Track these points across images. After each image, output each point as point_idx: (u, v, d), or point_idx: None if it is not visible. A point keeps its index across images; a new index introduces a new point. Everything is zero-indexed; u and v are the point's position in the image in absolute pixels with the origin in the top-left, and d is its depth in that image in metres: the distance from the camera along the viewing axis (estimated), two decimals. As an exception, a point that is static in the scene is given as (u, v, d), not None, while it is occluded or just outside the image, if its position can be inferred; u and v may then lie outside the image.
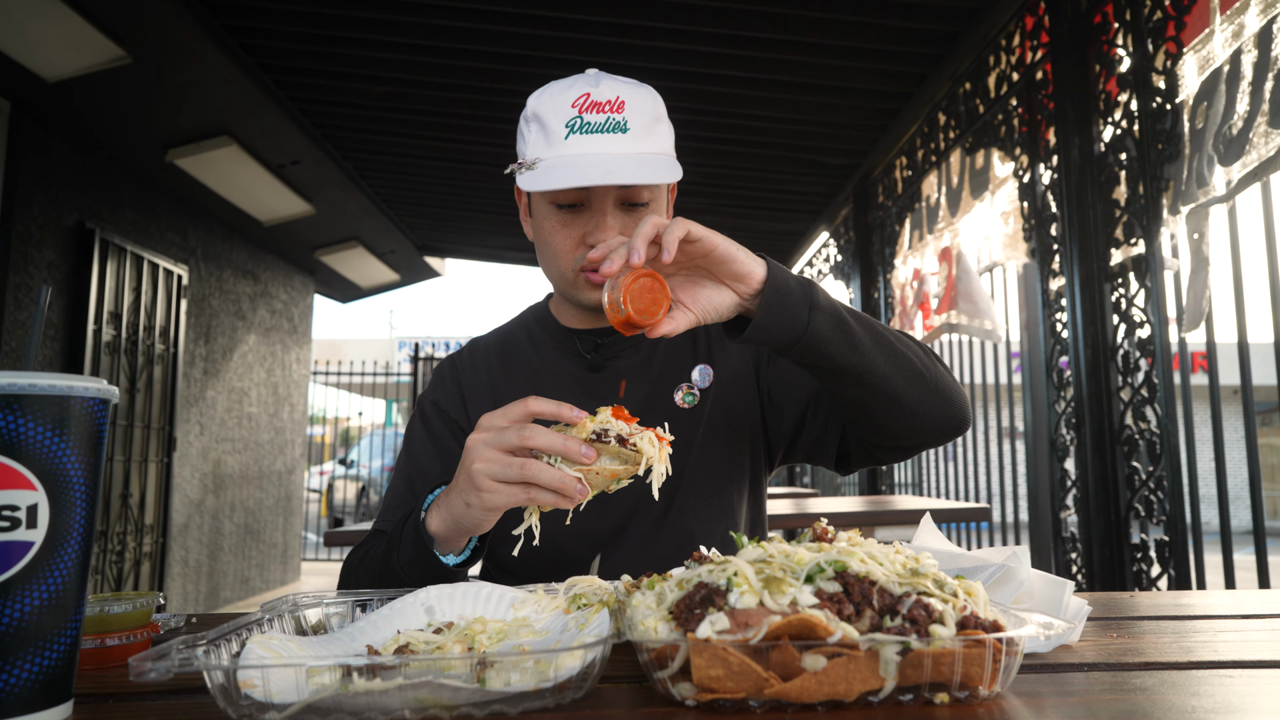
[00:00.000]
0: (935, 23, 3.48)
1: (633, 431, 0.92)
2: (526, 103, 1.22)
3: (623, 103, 1.15)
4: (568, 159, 1.13)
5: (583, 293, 1.24)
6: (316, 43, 3.89)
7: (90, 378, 0.64)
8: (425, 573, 1.01)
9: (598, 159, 1.13)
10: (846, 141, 4.68)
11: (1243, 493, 14.90)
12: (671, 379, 1.32)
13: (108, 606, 0.83)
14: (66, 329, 4.76)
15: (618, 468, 0.90)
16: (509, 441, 0.90)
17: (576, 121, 1.14)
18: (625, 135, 1.14)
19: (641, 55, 3.78)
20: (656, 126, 1.19)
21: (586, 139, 1.13)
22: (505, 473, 0.89)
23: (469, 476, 0.92)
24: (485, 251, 7.92)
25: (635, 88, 1.18)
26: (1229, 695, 0.66)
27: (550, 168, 1.14)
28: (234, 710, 0.60)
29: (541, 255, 1.29)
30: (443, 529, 0.99)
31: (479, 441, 0.92)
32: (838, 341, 1.00)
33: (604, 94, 1.15)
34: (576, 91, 1.15)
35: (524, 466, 0.88)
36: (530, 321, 1.43)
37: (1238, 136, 2.08)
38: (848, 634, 0.60)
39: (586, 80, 1.17)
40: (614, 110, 1.15)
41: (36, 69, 3.84)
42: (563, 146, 1.14)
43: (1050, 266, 2.97)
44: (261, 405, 7.37)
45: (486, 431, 0.92)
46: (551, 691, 0.63)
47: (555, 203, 1.21)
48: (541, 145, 1.17)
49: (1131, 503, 2.59)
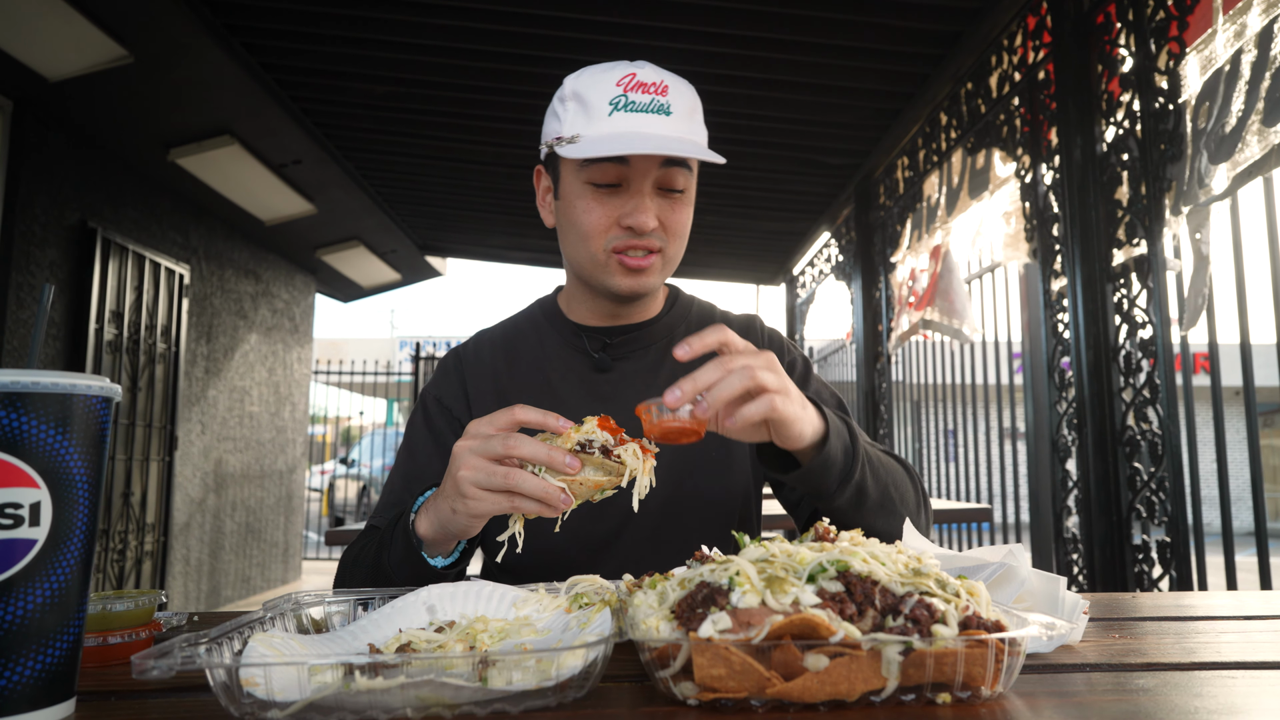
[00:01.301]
0: (937, 22, 3.48)
1: (617, 443, 0.92)
2: (563, 83, 1.21)
3: (666, 87, 1.16)
4: (611, 134, 1.13)
5: (613, 276, 1.22)
6: (318, 42, 3.89)
7: (93, 376, 0.64)
8: (414, 574, 1.02)
9: (644, 136, 1.13)
10: (848, 141, 4.67)
11: (1244, 494, 14.89)
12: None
13: (110, 604, 0.83)
14: (68, 328, 4.77)
15: (601, 479, 0.91)
16: (494, 450, 0.90)
17: (621, 100, 1.14)
18: (669, 118, 1.15)
19: (642, 55, 3.75)
20: (695, 116, 1.21)
21: (630, 117, 1.14)
22: (490, 481, 0.90)
23: (455, 483, 0.92)
24: (486, 251, 7.92)
25: (677, 78, 1.20)
26: (1231, 696, 0.66)
27: (594, 141, 1.13)
28: (236, 708, 0.61)
29: (567, 237, 1.26)
30: (431, 532, 1.00)
31: (465, 449, 0.93)
32: (848, 503, 1.06)
33: (649, 76, 1.16)
34: (621, 72, 1.16)
35: (508, 476, 0.89)
36: (538, 315, 1.41)
37: (1229, 135, 2.07)
38: (850, 634, 0.60)
39: (629, 64, 1.18)
40: (658, 93, 1.16)
41: (39, 68, 3.84)
42: (606, 123, 1.14)
43: (1052, 267, 2.97)
44: (263, 404, 7.38)
45: (473, 439, 0.93)
46: (553, 690, 0.63)
47: (592, 182, 1.19)
48: (582, 122, 1.16)
49: (1133, 504, 2.59)
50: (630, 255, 1.21)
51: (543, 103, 4.24)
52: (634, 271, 1.22)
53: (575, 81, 1.18)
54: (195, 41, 3.80)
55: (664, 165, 1.18)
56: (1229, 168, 2.06)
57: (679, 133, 1.16)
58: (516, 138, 4.86)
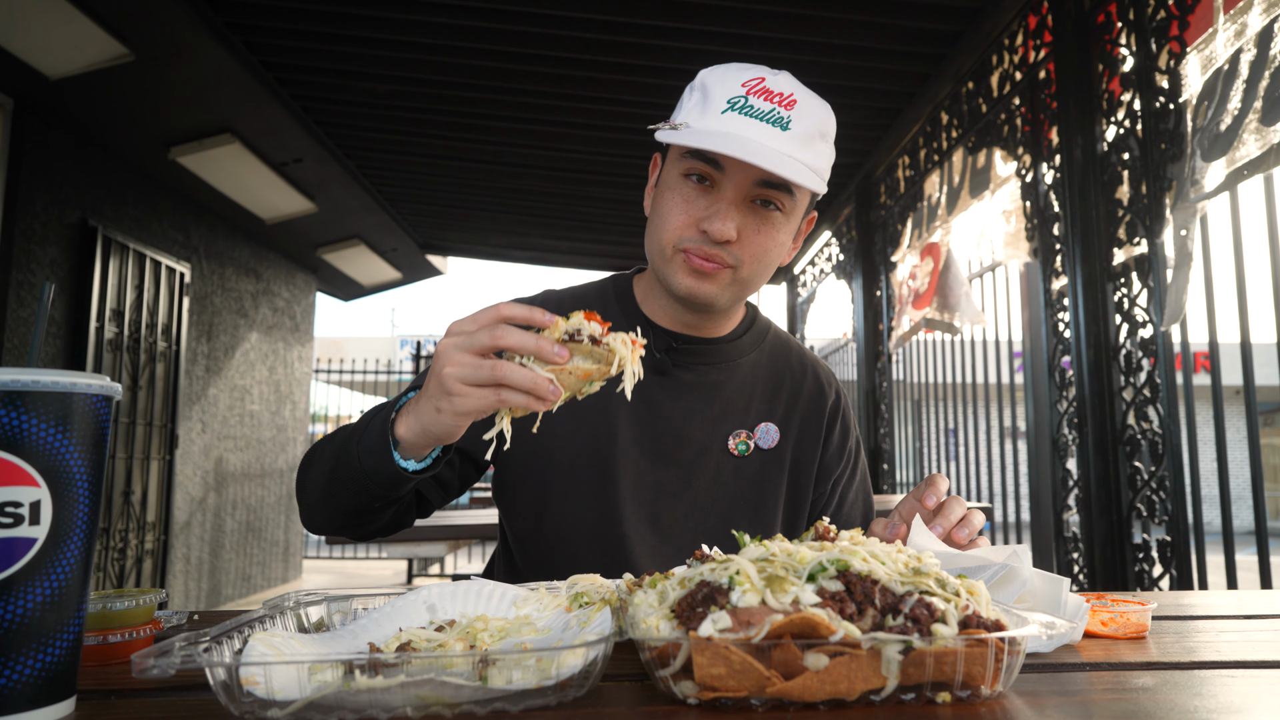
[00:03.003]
0: (938, 22, 3.48)
1: (605, 333, 0.89)
2: (697, 75, 1.16)
3: (795, 101, 1.09)
4: (714, 131, 1.08)
5: (676, 274, 1.17)
6: (319, 40, 3.89)
7: (93, 374, 0.64)
8: (378, 467, 0.98)
9: (744, 141, 1.06)
10: (849, 140, 4.67)
11: (1245, 493, 14.89)
12: (734, 420, 1.28)
13: (110, 603, 0.83)
14: (69, 326, 4.77)
15: (590, 367, 0.87)
16: (480, 343, 0.86)
17: (740, 100, 1.08)
18: (784, 133, 1.08)
19: (643, 54, 3.78)
20: (818, 142, 1.12)
21: (743, 120, 1.08)
22: (476, 375, 0.85)
23: (439, 381, 0.88)
24: (488, 250, 7.92)
25: (814, 97, 1.14)
26: (1231, 695, 0.66)
27: (694, 133, 1.09)
28: (236, 707, 0.61)
29: (651, 224, 1.22)
30: (410, 435, 0.95)
31: (449, 346, 0.88)
32: None
33: (779, 85, 1.10)
34: (752, 74, 1.10)
35: (495, 368, 0.85)
36: (609, 292, 1.34)
37: (1224, 133, 2.07)
38: (850, 633, 0.60)
39: (766, 69, 1.12)
40: (782, 105, 1.09)
41: (39, 66, 3.84)
42: (716, 120, 1.08)
43: (1053, 266, 2.97)
44: (263, 403, 7.38)
45: (456, 336, 0.88)
46: (553, 689, 0.63)
47: (687, 174, 1.15)
48: (696, 113, 1.11)
49: (1133, 503, 2.59)
50: (696, 257, 1.14)
51: (543, 101, 4.24)
52: (696, 273, 1.15)
53: (707, 74, 1.14)
54: (196, 39, 3.80)
55: (760, 183, 1.12)
56: (1224, 164, 2.06)
57: (790, 150, 1.08)
58: (518, 136, 4.86)
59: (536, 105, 4.41)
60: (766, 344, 1.36)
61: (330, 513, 1.11)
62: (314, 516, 1.15)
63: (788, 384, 1.34)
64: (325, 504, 1.11)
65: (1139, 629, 0.89)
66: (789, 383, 1.34)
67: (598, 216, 6.35)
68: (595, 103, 4.35)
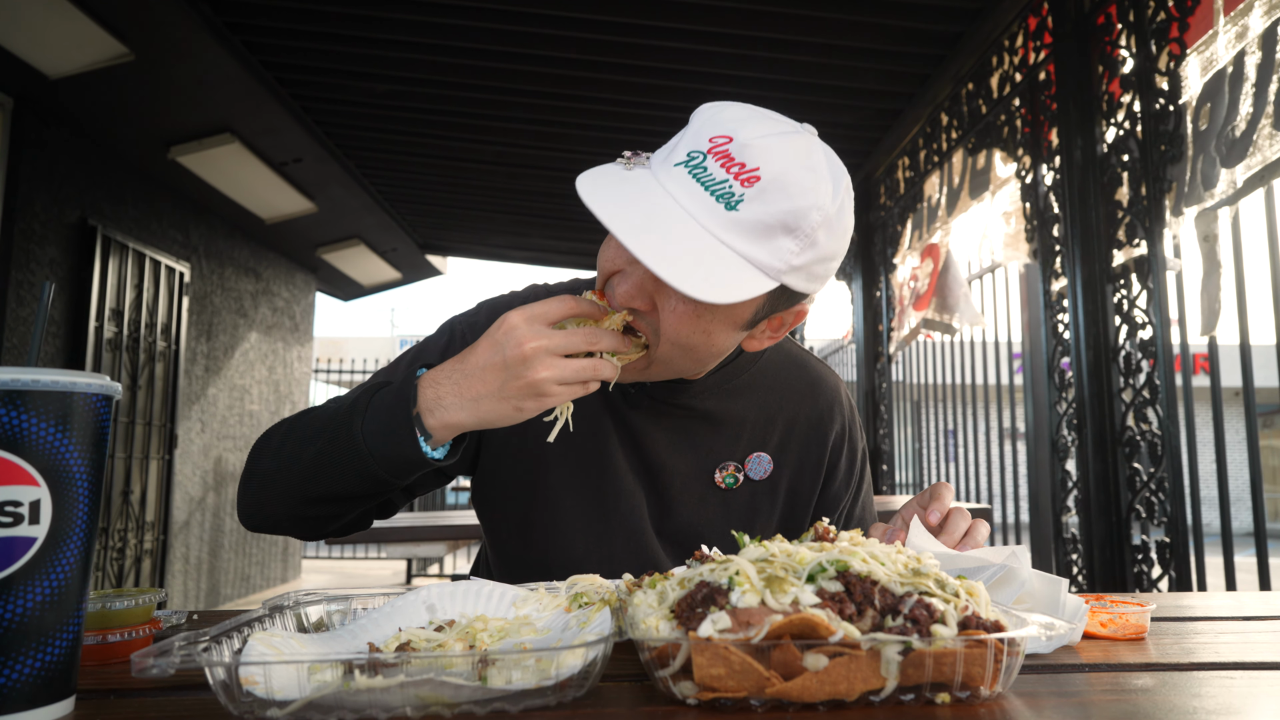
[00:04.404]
0: (938, 23, 3.48)
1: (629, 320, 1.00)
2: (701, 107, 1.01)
3: (756, 178, 0.88)
4: (644, 186, 0.92)
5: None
6: (319, 40, 3.89)
7: (93, 374, 0.64)
8: (393, 452, 0.92)
9: (659, 206, 0.90)
10: (849, 141, 4.67)
11: (1244, 494, 14.89)
12: (721, 452, 1.21)
13: (110, 603, 0.83)
14: (68, 326, 4.77)
15: (635, 354, 0.99)
16: (576, 347, 0.92)
17: (698, 158, 0.91)
18: (728, 213, 0.88)
19: (642, 54, 3.78)
20: (779, 236, 0.90)
21: (687, 182, 0.90)
22: (577, 377, 0.91)
23: (530, 385, 0.90)
24: (487, 250, 7.92)
25: (800, 174, 0.90)
26: (1230, 697, 0.66)
27: (624, 178, 0.94)
28: (236, 707, 0.61)
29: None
30: (459, 426, 0.92)
31: (539, 350, 0.90)
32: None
33: (749, 155, 0.88)
34: (726, 129, 0.91)
35: (596, 369, 0.92)
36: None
37: (1240, 139, 2.07)
38: (849, 633, 0.60)
39: (755, 125, 0.91)
40: (740, 179, 0.88)
41: (40, 65, 3.84)
42: (667, 173, 0.92)
43: (1052, 267, 2.97)
44: (263, 403, 7.38)
45: (545, 338, 0.90)
46: (553, 690, 0.63)
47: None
48: (664, 153, 0.96)
49: (1133, 504, 2.59)
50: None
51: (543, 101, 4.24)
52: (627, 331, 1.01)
53: (701, 110, 0.97)
54: (196, 39, 3.80)
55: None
56: (1243, 170, 2.06)
57: (724, 235, 0.88)
58: (518, 136, 4.86)
59: (536, 105, 4.41)
60: (760, 365, 1.24)
61: (292, 502, 1.02)
62: (265, 505, 1.05)
63: (785, 409, 1.25)
64: (293, 489, 1.01)
65: (1138, 630, 0.89)
66: (786, 407, 1.25)
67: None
68: (595, 103, 4.35)
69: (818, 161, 0.93)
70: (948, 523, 1.06)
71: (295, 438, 1.02)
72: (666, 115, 4.35)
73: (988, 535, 1.07)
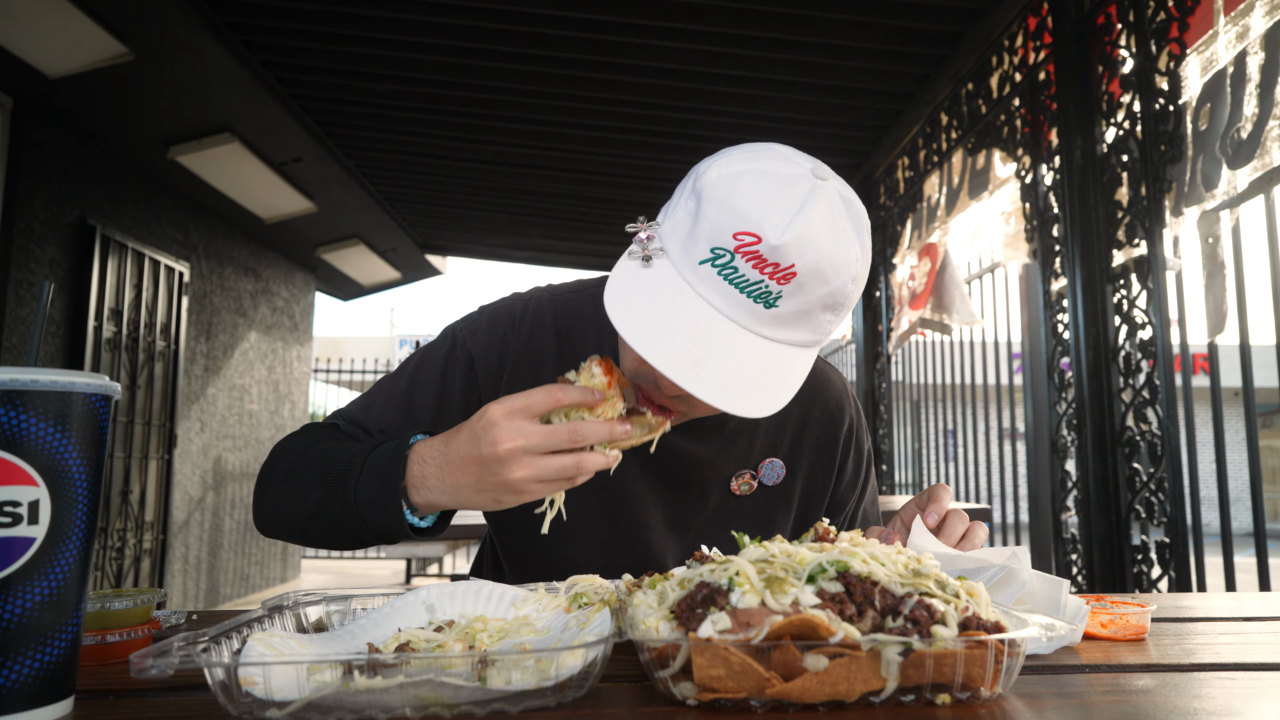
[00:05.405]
0: (938, 23, 3.48)
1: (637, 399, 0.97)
2: (705, 167, 0.92)
3: (794, 274, 0.86)
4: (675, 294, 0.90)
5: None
6: (319, 40, 3.89)
7: (92, 374, 0.64)
8: (384, 522, 0.94)
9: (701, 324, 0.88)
10: (848, 141, 4.67)
11: (1243, 495, 14.89)
12: (736, 461, 1.22)
13: (109, 603, 0.82)
14: (68, 325, 4.77)
15: (642, 436, 0.94)
16: (558, 444, 0.86)
17: (724, 256, 0.87)
18: (767, 310, 0.88)
19: (642, 54, 3.78)
20: (818, 314, 0.91)
21: (719, 284, 0.88)
22: (558, 475, 0.87)
23: (507, 484, 0.87)
24: (487, 250, 7.92)
25: (832, 252, 0.87)
26: (1230, 697, 0.66)
27: (652, 285, 0.91)
28: (235, 707, 0.60)
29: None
30: (438, 507, 0.94)
31: (517, 450, 0.85)
32: None
33: (781, 255, 0.85)
34: (753, 224, 0.86)
35: (579, 466, 0.87)
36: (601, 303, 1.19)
37: (1247, 140, 2.07)
38: (849, 634, 0.60)
39: (776, 208, 0.86)
40: (778, 278, 0.87)
41: (39, 65, 3.84)
42: (693, 271, 0.89)
43: (1052, 267, 2.97)
44: (262, 402, 7.38)
45: (523, 437, 0.85)
46: (552, 690, 0.63)
47: None
48: (676, 243, 0.91)
49: (1132, 504, 2.59)
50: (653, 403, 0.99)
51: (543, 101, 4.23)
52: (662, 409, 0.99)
53: (713, 184, 0.89)
54: (195, 39, 3.79)
55: None
56: (1250, 171, 2.06)
57: (769, 331, 0.89)
58: (518, 136, 4.86)
59: (536, 105, 4.41)
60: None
61: (298, 534, 1.07)
62: (274, 530, 1.10)
63: (795, 412, 1.25)
64: (296, 528, 1.06)
65: (1138, 631, 0.89)
66: (796, 411, 1.25)
67: (598, 216, 6.35)
68: (595, 103, 4.35)
69: (842, 226, 0.89)
70: (946, 525, 1.06)
71: (296, 479, 1.04)
72: (667, 115, 4.35)
73: (986, 538, 1.07)
